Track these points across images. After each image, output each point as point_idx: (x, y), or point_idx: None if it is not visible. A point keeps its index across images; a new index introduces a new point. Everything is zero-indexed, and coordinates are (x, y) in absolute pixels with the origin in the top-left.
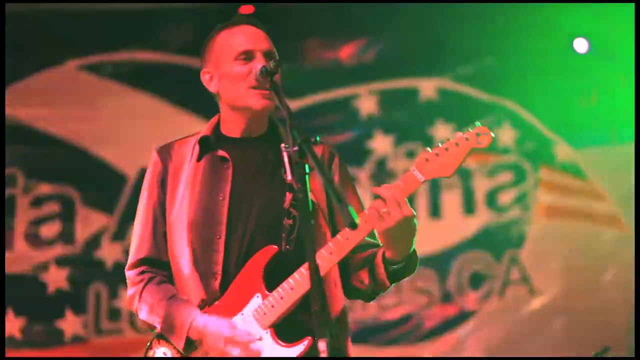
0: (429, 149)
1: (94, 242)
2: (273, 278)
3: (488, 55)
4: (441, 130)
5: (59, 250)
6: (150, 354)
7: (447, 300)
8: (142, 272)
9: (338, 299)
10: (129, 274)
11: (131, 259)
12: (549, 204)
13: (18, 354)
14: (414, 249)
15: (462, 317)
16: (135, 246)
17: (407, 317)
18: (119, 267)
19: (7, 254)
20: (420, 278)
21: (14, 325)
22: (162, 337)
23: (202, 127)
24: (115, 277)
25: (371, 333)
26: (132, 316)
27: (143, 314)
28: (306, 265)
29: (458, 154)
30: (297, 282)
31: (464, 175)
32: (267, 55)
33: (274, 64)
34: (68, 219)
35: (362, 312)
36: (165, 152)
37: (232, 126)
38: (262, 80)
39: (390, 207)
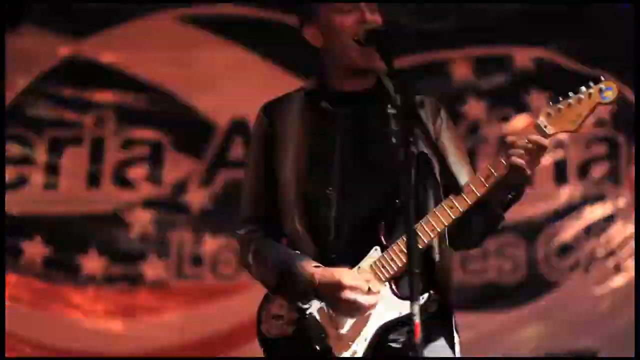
0: (551, 102)
1: (181, 186)
2: (391, 231)
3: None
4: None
5: (145, 192)
6: (265, 309)
7: (533, 268)
8: (252, 230)
9: (445, 266)
10: (239, 233)
11: (241, 219)
12: None
13: (99, 292)
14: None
15: (547, 286)
16: (245, 204)
17: (491, 284)
18: (205, 213)
19: (93, 194)
20: (507, 245)
21: (96, 264)
22: (276, 291)
23: (298, 83)
24: (200, 223)
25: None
26: (215, 263)
27: (254, 270)
28: (429, 215)
29: (582, 108)
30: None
31: (557, 144)
32: (371, 6)
33: (382, 29)
34: (157, 162)
35: None
36: (271, 108)
37: (338, 79)
38: (367, 41)
39: (529, 156)
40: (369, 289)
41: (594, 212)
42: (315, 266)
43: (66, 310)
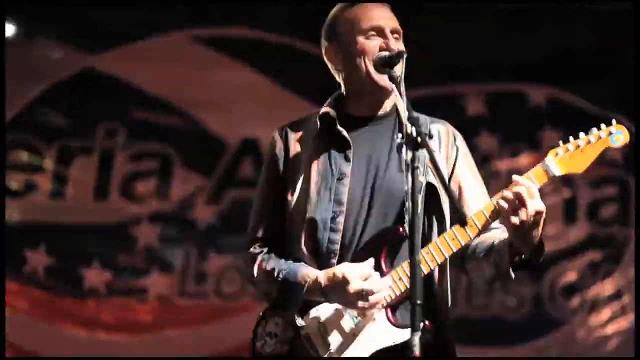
0: (560, 142)
1: (188, 202)
2: (393, 259)
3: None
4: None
5: (153, 206)
6: (262, 325)
7: (538, 307)
8: (259, 249)
9: (443, 296)
10: (246, 252)
11: (249, 238)
12: None
13: (101, 307)
14: (542, 241)
15: (552, 325)
16: (253, 225)
17: (496, 319)
18: (211, 230)
19: (100, 205)
20: (514, 280)
21: (99, 277)
22: (275, 307)
23: (306, 107)
24: (205, 240)
25: (458, 331)
26: (219, 282)
27: (258, 281)
28: (430, 245)
29: (591, 151)
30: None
31: (568, 183)
32: (396, 35)
33: (395, 53)
34: (165, 177)
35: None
36: (285, 130)
37: (354, 104)
38: (382, 67)
39: (527, 201)
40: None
41: (601, 254)
42: (320, 273)
43: (66, 322)
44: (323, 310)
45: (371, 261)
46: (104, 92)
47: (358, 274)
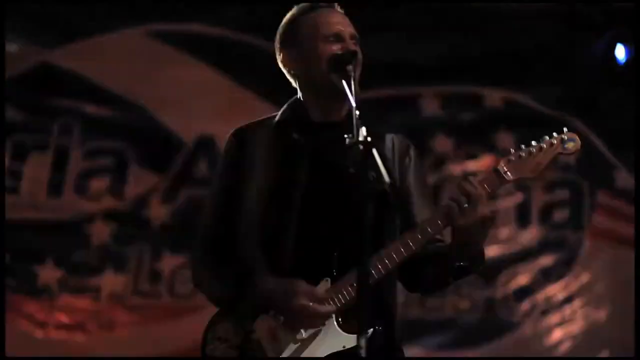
0: (512, 149)
1: (142, 200)
2: (347, 263)
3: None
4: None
5: (106, 204)
6: (212, 330)
7: (490, 309)
8: (210, 252)
9: (393, 299)
10: (198, 254)
11: (200, 239)
12: (602, 228)
13: (53, 306)
14: (483, 250)
15: (504, 328)
16: (205, 227)
17: (449, 322)
18: (165, 229)
19: (54, 202)
20: (465, 283)
21: (52, 275)
22: (225, 311)
23: (264, 106)
24: (160, 239)
25: (412, 333)
26: (172, 281)
27: (208, 285)
28: (383, 250)
29: (543, 157)
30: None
31: (521, 186)
32: (354, 40)
33: (349, 53)
34: (120, 175)
35: (404, 311)
36: (241, 134)
37: (311, 109)
38: (337, 66)
39: (474, 204)
40: (324, 300)
41: (554, 257)
42: (271, 280)
43: (19, 319)
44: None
45: (326, 283)
46: (59, 87)
47: (307, 289)
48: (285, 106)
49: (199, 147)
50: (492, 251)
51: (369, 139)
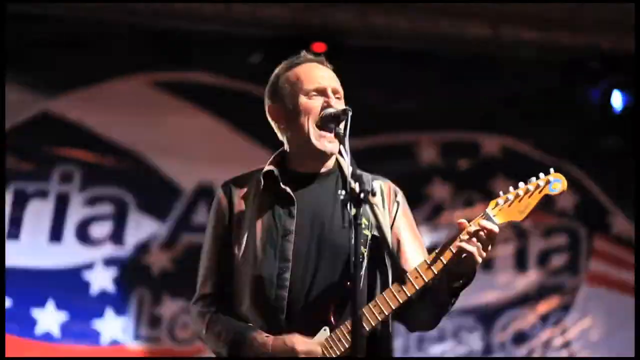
0: (501, 193)
1: (143, 247)
2: (342, 313)
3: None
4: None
5: (107, 250)
6: None
7: (488, 354)
8: (207, 305)
9: (389, 345)
10: (194, 308)
11: (197, 293)
12: (599, 273)
13: (54, 350)
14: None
15: None
16: (201, 281)
17: None
18: (165, 275)
19: (55, 248)
20: (463, 328)
21: (53, 319)
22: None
23: (264, 153)
24: (160, 285)
25: None
26: (172, 326)
27: (207, 341)
28: (377, 299)
29: (530, 200)
30: (364, 319)
31: (519, 232)
32: (337, 95)
33: (341, 110)
34: (120, 221)
35: (405, 355)
36: (230, 187)
37: (297, 161)
38: (328, 124)
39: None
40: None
41: (551, 302)
42: (266, 336)
43: None
44: None
45: (325, 333)
46: (60, 135)
47: (306, 348)
48: (271, 158)
49: (198, 193)
50: (490, 296)
51: (362, 195)
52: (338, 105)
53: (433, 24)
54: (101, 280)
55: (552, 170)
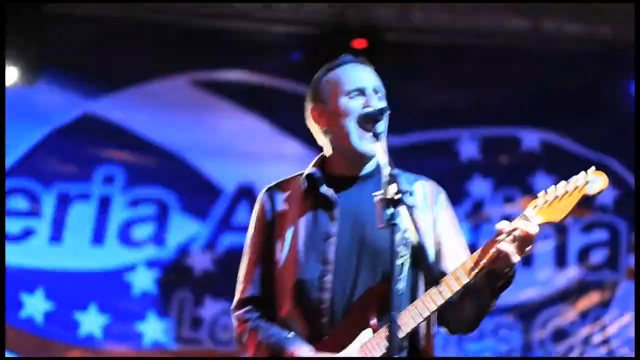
0: (539, 194)
1: (185, 248)
2: (384, 314)
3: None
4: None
5: (149, 252)
6: None
7: (528, 351)
8: (248, 312)
9: (430, 345)
10: (236, 313)
11: (237, 298)
12: None
13: (96, 353)
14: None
15: None
16: (242, 286)
17: None
18: (207, 276)
19: (97, 251)
20: (503, 326)
21: (96, 322)
22: None
23: (306, 153)
24: (201, 286)
25: None
26: (214, 327)
27: (248, 350)
28: (416, 302)
29: (569, 200)
30: (403, 322)
31: (559, 228)
32: (378, 94)
33: (378, 110)
34: (162, 223)
35: (443, 354)
36: (273, 191)
37: (338, 163)
38: (366, 124)
39: (516, 243)
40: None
41: (591, 298)
42: (309, 349)
43: None
44: None
45: (369, 332)
46: (102, 137)
47: None
48: (313, 162)
49: (239, 194)
50: (530, 293)
51: (397, 196)
52: (378, 104)
53: (473, 18)
54: (143, 282)
55: (592, 168)
